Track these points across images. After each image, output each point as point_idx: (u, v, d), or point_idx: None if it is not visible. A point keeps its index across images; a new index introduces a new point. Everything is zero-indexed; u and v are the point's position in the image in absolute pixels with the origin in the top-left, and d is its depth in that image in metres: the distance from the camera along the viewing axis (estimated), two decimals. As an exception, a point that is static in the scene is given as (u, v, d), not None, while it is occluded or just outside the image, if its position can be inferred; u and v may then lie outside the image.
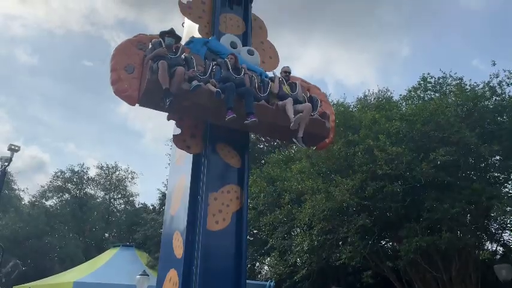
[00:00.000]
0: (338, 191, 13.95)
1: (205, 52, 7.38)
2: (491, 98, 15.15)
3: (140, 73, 6.54)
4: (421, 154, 13.56)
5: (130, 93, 6.43)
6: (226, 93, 6.43)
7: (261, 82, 7.27)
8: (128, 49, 6.74)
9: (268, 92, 7.11)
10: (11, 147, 12.68)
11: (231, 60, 7.01)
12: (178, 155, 7.91)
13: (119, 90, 6.42)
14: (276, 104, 6.95)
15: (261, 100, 6.88)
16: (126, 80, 6.46)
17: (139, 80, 6.51)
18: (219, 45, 7.61)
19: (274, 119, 6.84)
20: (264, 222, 17.80)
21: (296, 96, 7.18)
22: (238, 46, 7.84)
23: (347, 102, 19.10)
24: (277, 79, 7.34)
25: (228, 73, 6.83)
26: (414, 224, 13.57)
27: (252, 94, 6.71)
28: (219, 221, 6.75)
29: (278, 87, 7.19)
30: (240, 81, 6.78)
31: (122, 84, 6.43)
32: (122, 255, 22.85)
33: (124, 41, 6.89)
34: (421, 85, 17.46)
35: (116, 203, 39.19)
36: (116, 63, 6.54)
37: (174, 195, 7.81)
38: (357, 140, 14.56)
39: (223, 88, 6.49)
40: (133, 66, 6.56)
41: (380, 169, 13.45)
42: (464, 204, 13.07)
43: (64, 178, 36.66)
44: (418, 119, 14.06)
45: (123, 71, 6.50)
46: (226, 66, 6.93)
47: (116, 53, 6.65)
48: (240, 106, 6.52)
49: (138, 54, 6.70)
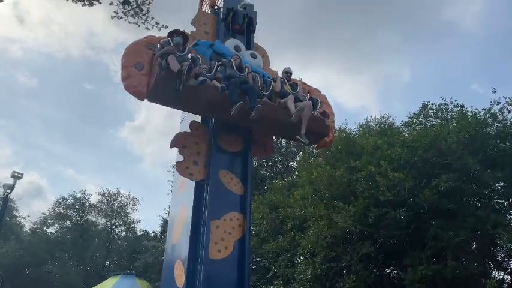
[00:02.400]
0: (340, 217, 13.84)
1: (210, 54, 7.69)
2: (492, 124, 15.19)
3: (149, 71, 6.84)
4: (423, 180, 13.50)
5: (139, 89, 6.71)
6: (231, 89, 6.71)
7: (264, 82, 7.53)
8: (137, 48, 7.05)
9: (270, 91, 7.36)
10: (14, 174, 12.70)
11: (236, 61, 7.27)
12: (180, 182, 7.92)
13: (128, 86, 6.70)
14: (278, 101, 7.19)
15: (263, 98, 7.11)
16: (136, 76, 6.76)
17: (148, 76, 6.80)
18: (223, 48, 7.93)
19: (276, 116, 7.05)
20: (266, 249, 17.58)
21: (297, 94, 7.40)
22: (242, 50, 8.16)
23: (349, 128, 19.19)
24: (279, 79, 7.58)
25: (233, 71, 7.11)
26: (419, 252, 13.38)
27: (255, 90, 6.98)
28: (221, 249, 6.69)
29: (280, 86, 7.43)
30: (244, 79, 7.04)
31: (131, 81, 6.73)
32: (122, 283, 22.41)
33: (133, 42, 7.19)
34: (422, 112, 17.58)
35: (117, 230, 38.86)
36: (126, 61, 6.86)
37: (176, 223, 7.78)
38: (359, 166, 14.55)
39: (227, 85, 6.77)
40: (143, 64, 6.87)
41: (382, 195, 13.38)
42: (469, 232, 12.92)
43: (66, 205, 36.48)
44: (420, 146, 14.08)
45: (133, 68, 6.79)
46: (231, 65, 7.20)
47: (126, 52, 6.96)
48: (244, 102, 6.72)
49: (147, 53, 7.03)
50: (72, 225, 36.27)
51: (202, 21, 8.61)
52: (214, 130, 7.50)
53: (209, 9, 9.33)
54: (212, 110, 7.11)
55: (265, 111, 6.86)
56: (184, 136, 7.36)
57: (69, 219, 36.47)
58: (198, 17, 8.63)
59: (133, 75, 6.75)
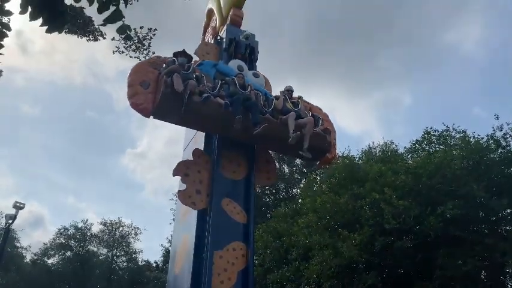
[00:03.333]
0: (345, 246, 13.61)
1: (214, 73, 7.82)
2: (496, 150, 15.14)
3: (155, 89, 6.97)
4: (428, 208, 13.34)
5: (145, 106, 6.82)
6: (234, 105, 6.83)
7: (266, 100, 7.62)
8: (143, 68, 7.21)
9: (272, 108, 7.45)
10: (16, 204, 12.63)
11: (239, 80, 7.42)
12: (183, 211, 7.82)
13: (135, 104, 6.81)
14: (280, 118, 7.27)
15: (266, 114, 7.20)
16: (142, 94, 6.88)
17: (153, 94, 6.92)
18: (227, 68, 8.06)
19: (278, 133, 7.11)
20: (271, 280, 17.21)
21: (299, 111, 7.46)
22: (245, 69, 8.26)
23: (352, 155, 19.16)
24: (281, 96, 7.67)
25: (236, 89, 7.24)
26: (427, 282, 13.07)
27: (258, 107, 7.10)
28: (224, 280, 6.53)
29: (282, 103, 7.52)
30: (247, 96, 7.14)
31: (137, 98, 6.84)
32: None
33: (139, 62, 7.40)
34: (425, 138, 17.59)
35: (119, 260, 38.23)
36: (133, 80, 6.98)
37: (178, 253, 7.64)
38: (363, 193, 14.43)
39: (231, 101, 6.89)
40: (149, 82, 7.00)
41: (388, 223, 13.20)
42: (477, 261, 12.65)
43: (67, 235, 36.12)
44: (424, 172, 14.00)
45: (139, 86, 6.93)
46: (234, 83, 7.34)
47: (132, 71, 7.10)
48: (247, 120, 6.80)
49: (153, 72, 7.16)
50: (73, 255, 35.79)
51: (205, 51, 8.73)
52: (217, 158, 7.47)
53: (212, 39, 9.48)
54: (216, 127, 7.26)
55: (268, 128, 6.96)
56: (186, 164, 7.32)
57: (70, 249, 36.02)
58: (201, 47, 8.75)
59: (140, 92, 6.90)
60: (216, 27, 9.50)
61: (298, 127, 7.15)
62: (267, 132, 6.91)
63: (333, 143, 7.97)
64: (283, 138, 7.04)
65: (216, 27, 9.49)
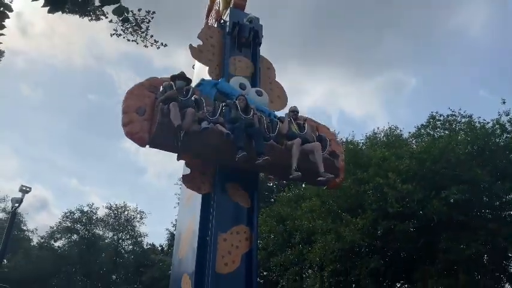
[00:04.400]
0: (348, 231, 13.69)
1: (215, 94, 7.50)
2: (501, 135, 15.05)
3: (151, 115, 6.63)
4: (432, 192, 13.35)
5: (141, 135, 6.49)
6: (236, 134, 6.47)
7: (270, 122, 7.31)
8: (139, 92, 6.83)
9: (277, 133, 7.13)
10: (22, 188, 12.72)
11: (241, 103, 7.05)
12: (187, 195, 7.88)
13: (130, 132, 6.50)
14: (285, 143, 6.95)
15: (269, 140, 6.90)
16: (137, 122, 6.54)
17: (150, 122, 6.58)
18: (228, 87, 7.74)
19: (283, 159, 6.78)
20: (274, 263, 17.42)
21: (305, 136, 7.15)
22: (247, 87, 7.94)
23: (356, 140, 19.12)
24: (287, 119, 7.33)
25: (238, 114, 6.87)
26: (429, 265, 13.17)
27: (261, 134, 6.72)
28: (228, 263, 6.61)
29: (287, 127, 7.20)
30: (249, 122, 6.80)
31: (133, 126, 6.50)
32: (129, 298, 22.35)
33: (136, 85, 7.02)
34: (430, 123, 17.49)
35: (124, 243, 38.73)
36: (128, 106, 6.64)
37: (183, 236, 7.72)
38: (366, 178, 14.44)
39: (232, 129, 6.54)
40: (145, 109, 6.66)
41: (391, 207, 13.24)
42: (481, 245, 12.70)
43: (73, 219, 36.54)
44: (428, 157, 13.96)
45: (135, 113, 6.59)
46: (236, 107, 6.97)
47: (127, 96, 6.75)
48: (250, 147, 6.48)
49: (149, 97, 6.79)
50: (79, 239, 36.27)
51: (209, 34, 8.66)
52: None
53: (215, 23, 9.41)
54: (217, 155, 6.86)
55: (272, 155, 6.61)
56: (191, 149, 7.33)
57: (76, 233, 36.48)
58: (204, 31, 8.68)
59: (135, 120, 6.55)
60: (220, 10, 9.39)
61: (305, 153, 6.84)
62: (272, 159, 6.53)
63: (341, 166, 7.61)
64: (288, 165, 6.70)
65: (220, 11, 9.38)
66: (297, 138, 6.88)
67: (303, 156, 6.75)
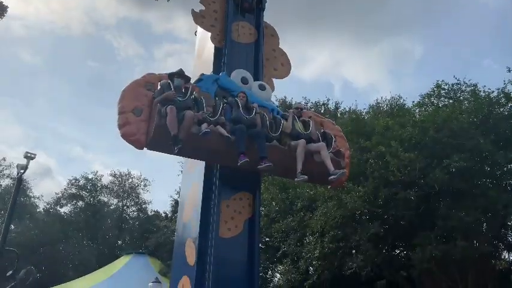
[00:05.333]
0: (350, 198, 13.86)
1: (215, 90, 7.24)
2: (506, 104, 14.94)
3: (148, 115, 6.44)
4: (434, 161, 13.40)
5: (138, 137, 6.30)
6: (237, 137, 6.28)
7: (273, 119, 7.11)
8: (135, 91, 6.62)
9: (280, 132, 6.92)
10: (27, 154, 12.86)
11: (242, 100, 6.86)
12: (191, 163, 7.96)
13: (126, 134, 6.31)
14: (289, 144, 6.75)
15: (272, 140, 6.70)
16: (134, 123, 6.34)
17: (147, 123, 6.39)
18: (229, 82, 7.43)
19: (287, 161, 6.61)
20: (276, 229, 17.75)
21: (310, 135, 6.97)
22: (250, 81, 7.65)
23: (359, 109, 19.09)
24: (291, 117, 7.10)
25: (239, 113, 6.66)
26: (428, 232, 13.38)
27: (263, 137, 6.51)
28: (231, 228, 6.76)
29: (291, 126, 6.96)
30: (251, 122, 6.61)
31: (129, 128, 6.31)
32: (134, 262, 23.00)
33: (132, 82, 6.75)
34: (434, 92, 17.34)
35: (129, 210, 39.41)
36: (124, 107, 6.43)
37: (187, 203, 7.86)
38: (369, 146, 14.48)
39: (233, 130, 6.35)
40: (141, 109, 6.46)
41: (393, 175, 13.34)
42: (480, 213, 12.86)
43: (78, 186, 37.05)
44: (431, 126, 13.93)
45: (131, 113, 6.39)
46: (237, 105, 6.76)
47: (123, 96, 6.54)
48: (252, 148, 6.34)
49: (146, 96, 6.59)
50: (84, 205, 36.90)
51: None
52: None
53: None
54: (217, 157, 6.73)
55: (275, 156, 6.44)
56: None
57: (81, 199, 37.07)
58: (206, -5, 8.51)
59: (132, 121, 6.34)
60: (222, -26, 9.15)
61: (310, 154, 6.67)
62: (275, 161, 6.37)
63: (347, 163, 7.46)
64: (292, 166, 6.57)
65: (222, -25, 9.14)
66: (302, 140, 6.68)
67: (307, 157, 6.59)
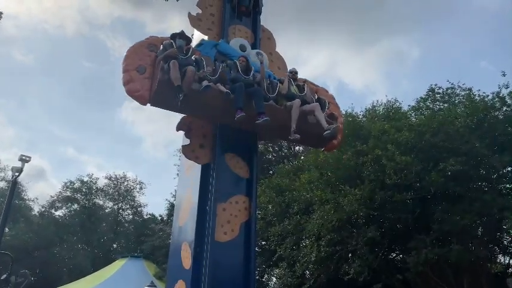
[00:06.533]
0: (347, 201, 13.86)
1: (215, 54, 7.54)
2: (501, 108, 15.03)
3: (151, 73, 6.72)
4: (430, 164, 13.45)
5: (142, 93, 6.59)
6: (236, 93, 6.54)
7: (270, 83, 7.36)
8: (139, 51, 6.89)
9: (276, 93, 7.20)
10: (22, 157, 12.80)
11: (241, 63, 7.09)
12: (187, 166, 7.93)
13: (131, 90, 6.59)
14: (285, 104, 7.04)
15: (269, 101, 6.97)
16: (138, 80, 6.63)
17: (150, 80, 6.68)
18: (228, 48, 7.76)
19: (283, 120, 6.91)
20: (272, 232, 17.71)
21: (304, 97, 7.24)
22: (248, 49, 7.97)
23: (356, 112, 19.11)
24: (287, 80, 7.38)
25: (238, 74, 6.93)
26: (424, 235, 13.40)
27: (261, 94, 6.79)
28: (227, 231, 6.73)
29: (287, 88, 7.26)
30: (250, 82, 6.88)
31: (134, 85, 6.60)
32: (130, 266, 22.87)
33: (135, 44, 7.03)
34: (429, 96, 17.43)
35: (124, 213, 39.30)
36: (128, 65, 6.70)
37: (183, 206, 7.81)
38: (365, 149, 14.51)
39: (232, 88, 6.61)
40: (145, 67, 6.74)
41: (389, 179, 13.36)
42: (475, 216, 12.89)
43: (73, 188, 36.88)
44: (427, 130, 13.99)
45: (135, 71, 6.67)
46: (236, 67, 7.03)
47: (127, 55, 6.80)
48: (250, 107, 6.59)
49: (149, 56, 6.86)
50: (79, 208, 36.72)
51: (208, 3, 8.49)
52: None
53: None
54: (216, 114, 6.97)
55: (271, 115, 6.69)
56: (190, 119, 7.34)
57: (76, 202, 36.90)
58: (203, -1, 8.53)
59: (136, 79, 6.63)
60: (219, -23, 9.16)
61: (304, 115, 6.92)
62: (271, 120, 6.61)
63: (339, 128, 7.64)
64: (288, 126, 6.82)
65: (219, -22, 9.16)
66: (297, 99, 6.96)
67: (302, 118, 6.87)
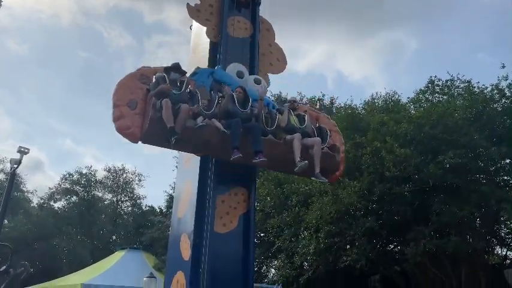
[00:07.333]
0: (345, 193, 13.90)
1: (211, 83, 7.19)
2: (500, 100, 15.04)
3: (143, 109, 6.38)
4: (429, 156, 13.47)
5: (132, 131, 6.25)
6: (232, 130, 6.23)
7: (268, 113, 7.08)
8: (130, 83, 6.56)
9: (275, 126, 6.86)
10: (20, 149, 12.74)
11: (239, 94, 6.80)
12: (186, 157, 7.94)
13: (121, 128, 6.25)
14: (284, 138, 6.72)
15: (268, 135, 6.64)
16: (129, 116, 6.28)
17: (142, 116, 6.34)
18: (225, 76, 7.37)
19: (282, 154, 6.58)
20: (271, 224, 17.78)
21: (305, 129, 6.94)
22: (245, 75, 7.58)
23: (355, 104, 19.12)
24: (286, 111, 7.01)
25: (234, 107, 6.62)
26: (422, 227, 13.47)
27: (259, 131, 6.46)
28: (226, 223, 6.77)
29: (286, 120, 6.90)
30: (247, 116, 6.59)
31: (124, 121, 6.25)
32: (129, 257, 22.94)
33: (127, 75, 6.68)
34: (428, 88, 17.42)
35: (124, 205, 39.30)
36: (118, 99, 6.37)
37: (182, 197, 7.84)
38: (364, 142, 14.52)
39: (229, 124, 6.31)
40: (136, 102, 6.40)
41: (388, 171, 13.39)
42: (473, 208, 12.94)
43: (72, 180, 36.86)
44: (426, 122, 13.99)
45: (126, 107, 6.33)
46: (233, 100, 6.69)
47: (118, 88, 6.47)
48: (247, 142, 6.30)
49: (141, 89, 6.53)
50: (78, 200, 36.72)
51: (207, -4, 8.43)
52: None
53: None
54: (212, 150, 6.66)
55: (270, 150, 6.41)
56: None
57: (75, 194, 36.87)
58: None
59: (126, 115, 6.26)
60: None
61: (305, 148, 6.59)
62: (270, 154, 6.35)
63: (341, 158, 7.44)
64: (288, 159, 6.51)
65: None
66: (297, 134, 6.64)
67: (303, 151, 6.57)
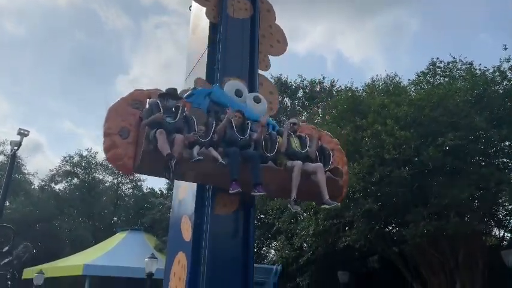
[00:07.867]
0: (345, 176, 13.91)
1: (208, 104, 6.93)
2: (501, 82, 14.95)
3: (135, 137, 6.07)
4: (429, 139, 13.46)
5: (125, 162, 5.96)
6: (230, 161, 6.02)
7: (268, 134, 6.87)
8: (121, 109, 6.21)
9: (276, 151, 6.66)
10: (20, 131, 12.75)
11: (237, 120, 6.57)
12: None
13: (112, 158, 6.01)
14: (285, 164, 6.51)
15: (268, 162, 6.46)
16: (121, 146, 5.97)
17: (134, 145, 6.02)
18: (222, 96, 7.11)
19: (283, 181, 6.37)
20: (271, 206, 17.91)
21: (306, 153, 6.72)
22: (244, 93, 7.35)
23: (355, 87, 19.03)
24: (285, 134, 6.75)
25: (233, 133, 6.39)
26: (421, 208, 13.55)
27: (258, 161, 6.21)
28: (227, 204, 6.81)
29: (286, 143, 6.68)
30: (246, 143, 6.39)
31: (116, 152, 5.95)
32: (130, 238, 23.25)
33: (118, 101, 6.32)
34: (430, 70, 17.30)
35: (124, 187, 39.56)
36: (109, 128, 6.04)
37: (182, 180, 7.86)
38: (365, 124, 14.49)
39: (226, 153, 6.12)
40: (129, 130, 6.07)
41: (388, 154, 13.40)
42: (473, 190, 13.00)
43: (72, 163, 36.98)
44: (427, 104, 13.93)
45: (118, 136, 6.01)
46: (231, 125, 6.45)
47: (109, 116, 6.13)
48: (246, 168, 6.08)
49: (133, 114, 6.20)
50: (79, 182, 36.91)
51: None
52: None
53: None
54: (209, 180, 6.44)
55: (270, 178, 6.24)
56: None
57: (76, 176, 37.05)
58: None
59: (118, 144, 5.93)
60: None
61: (306, 174, 6.38)
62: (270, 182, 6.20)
63: (345, 181, 7.19)
64: (288, 189, 6.28)
65: None
66: (298, 161, 6.43)
67: (304, 177, 6.40)
